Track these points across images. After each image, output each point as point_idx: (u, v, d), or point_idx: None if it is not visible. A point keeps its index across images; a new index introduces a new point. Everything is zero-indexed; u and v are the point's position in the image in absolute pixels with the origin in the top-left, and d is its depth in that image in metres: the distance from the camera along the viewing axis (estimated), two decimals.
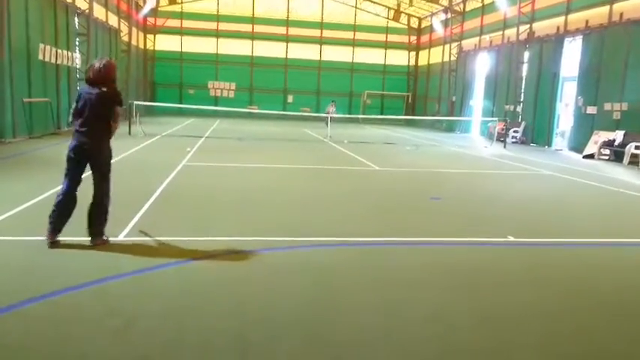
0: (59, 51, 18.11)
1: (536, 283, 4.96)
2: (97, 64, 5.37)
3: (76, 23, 20.94)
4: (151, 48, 36.48)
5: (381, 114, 37.04)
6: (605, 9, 18.67)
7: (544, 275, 5.21)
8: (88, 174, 5.62)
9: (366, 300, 4.30)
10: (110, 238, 5.55)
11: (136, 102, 21.71)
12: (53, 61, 17.65)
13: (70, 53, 19.32)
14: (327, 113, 27.17)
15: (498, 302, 4.40)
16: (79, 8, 20.81)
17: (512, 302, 4.41)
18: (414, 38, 39.31)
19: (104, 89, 5.30)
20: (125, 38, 28.85)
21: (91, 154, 5.41)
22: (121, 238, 5.72)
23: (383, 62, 39.28)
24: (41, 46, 16.57)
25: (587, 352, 3.59)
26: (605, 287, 4.94)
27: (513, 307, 4.31)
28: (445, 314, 4.07)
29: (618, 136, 17.00)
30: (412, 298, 4.39)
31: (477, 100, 28.99)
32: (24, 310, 3.79)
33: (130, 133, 18.15)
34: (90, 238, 5.38)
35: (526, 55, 23.82)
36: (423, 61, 38.29)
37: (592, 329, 3.96)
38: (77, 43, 21.05)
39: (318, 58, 38.39)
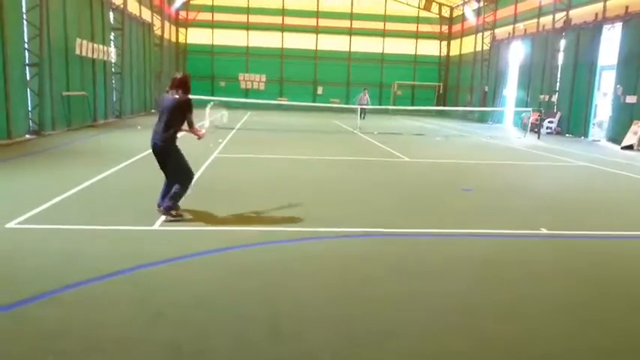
0: (95, 45, 18.59)
1: (569, 275, 4.88)
2: (177, 76, 6.24)
3: (111, 18, 21.42)
4: (183, 41, 37.00)
5: (412, 105, 36.64)
6: None
7: (577, 268, 5.12)
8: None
9: (396, 290, 4.32)
10: (145, 227, 5.74)
11: None
12: (90, 55, 18.13)
13: (105, 47, 19.81)
14: (360, 103, 26.25)
15: (529, 294, 4.36)
16: (114, 3, 21.26)
17: (543, 294, 4.36)
18: (445, 28, 38.65)
19: (177, 97, 6.11)
20: (158, 32, 29.35)
21: (160, 151, 6.22)
22: (156, 227, 5.88)
23: (414, 52, 38.79)
24: (78, 41, 17.04)
25: (616, 344, 3.52)
26: (638, 280, 4.83)
27: (544, 299, 4.26)
28: (475, 306, 4.06)
29: None
30: (442, 290, 4.39)
31: (511, 90, 28.35)
32: (61, 296, 3.95)
33: None
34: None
35: (562, 43, 23.13)
36: (454, 50, 37.64)
37: (622, 322, 3.88)
38: (112, 37, 21.55)
39: (348, 50, 38.20)
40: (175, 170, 6.23)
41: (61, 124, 15.92)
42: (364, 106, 26.22)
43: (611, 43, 20.09)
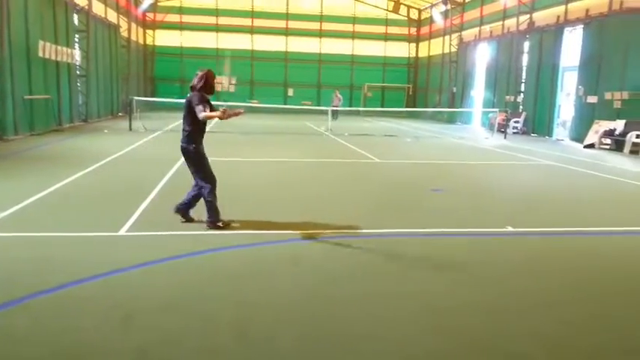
0: (59, 48, 18.14)
1: (534, 273, 5.01)
2: (198, 72, 6.16)
3: (76, 20, 20.94)
4: (151, 43, 36.44)
5: (382, 106, 36.97)
6: None
7: (541, 265, 5.26)
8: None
9: (369, 291, 4.35)
10: (110, 233, 5.64)
11: (136, 97, 21.74)
12: (53, 57, 17.67)
13: (69, 50, 19.34)
14: (333, 105, 27.52)
15: (495, 292, 4.45)
16: (78, 5, 20.80)
17: (509, 292, 4.47)
18: (413, 30, 39.16)
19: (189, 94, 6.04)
20: (125, 34, 28.83)
21: (183, 152, 6.18)
22: (123, 232, 5.78)
23: (383, 54, 39.16)
24: (41, 43, 16.59)
25: (593, 344, 3.64)
26: (603, 276, 4.99)
27: (510, 296, 4.37)
28: (447, 305, 4.13)
29: (619, 125, 16.97)
30: (414, 290, 4.44)
31: (478, 91, 28.93)
32: (28, 303, 3.86)
33: (130, 128, 18.21)
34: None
35: (526, 45, 23.74)
36: (423, 52, 38.17)
37: (589, 318, 4.00)
38: (77, 39, 21.07)
39: (318, 51, 38.30)
40: (197, 174, 6.07)
41: (24, 129, 15.46)
42: (337, 108, 27.11)
43: (572, 45, 20.73)
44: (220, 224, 5.97)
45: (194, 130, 6.09)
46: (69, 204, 7.15)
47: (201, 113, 5.88)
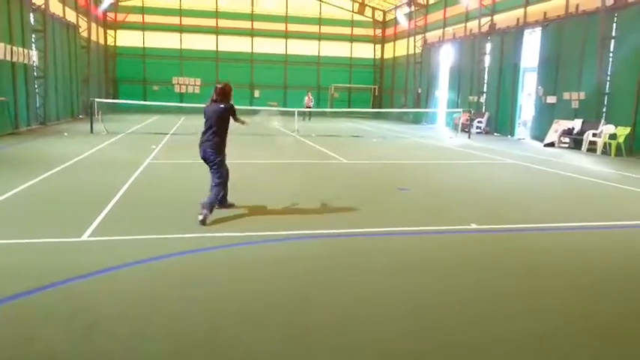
0: (14, 48, 17.49)
1: (498, 267, 5.12)
2: (218, 85, 6.89)
3: (32, 19, 20.24)
4: (112, 44, 35.58)
5: (349, 107, 37.19)
6: (562, 1, 19.19)
7: (505, 260, 5.37)
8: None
9: (336, 290, 4.35)
10: (72, 239, 5.47)
11: (97, 99, 21.18)
12: (8, 58, 17.03)
13: (26, 50, 18.67)
14: (307, 106, 28.47)
15: (458, 285, 4.52)
16: (34, 4, 20.10)
17: (470, 285, 4.54)
18: (379, 31, 39.54)
19: (222, 105, 6.74)
20: (84, 34, 28.04)
21: (208, 156, 6.70)
22: (85, 238, 5.60)
23: (349, 55, 39.39)
24: None
25: (543, 331, 3.72)
26: (562, 269, 5.13)
27: (471, 290, 4.44)
28: (416, 300, 4.16)
29: (577, 124, 17.56)
30: (381, 287, 4.46)
31: (442, 92, 29.43)
32: None
33: (91, 131, 17.72)
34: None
35: (488, 46, 24.29)
36: (388, 53, 38.59)
37: (547, 310, 4.10)
38: (33, 39, 20.36)
39: (284, 52, 38.22)
40: (219, 173, 6.73)
41: None
42: (309, 109, 27.96)
43: (532, 46, 21.33)
44: (209, 216, 6.39)
45: (224, 141, 6.82)
46: (27, 209, 6.88)
47: (237, 122, 7.02)
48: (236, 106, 7.03)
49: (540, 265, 5.23)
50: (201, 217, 6.21)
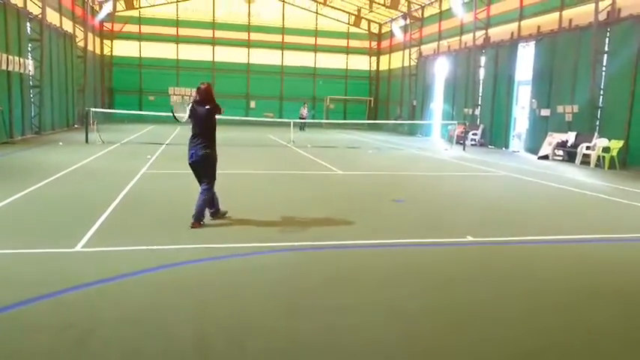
0: (10, 57, 17.48)
1: (496, 280, 5.12)
2: (201, 87, 6.76)
3: (28, 28, 20.26)
4: (109, 54, 35.65)
5: (344, 118, 37.33)
6: (556, 15, 19.44)
7: (502, 272, 5.38)
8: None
9: (331, 300, 4.33)
10: (66, 249, 5.44)
11: (93, 109, 21.16)
12: (4, 67, 17.01)
13: (22, 60, 18.67)
14: (301, 117, 29.20)
15: (455, 300, 4.51)
16: (31, 13, 20.14)
17: (468, 300, 4.53)
18: (374, 43, 39.83)
19: (208, 107, 6.70)
20: (81, 44, 28.09)
21: (200, 160, 6.72)
22: (79, 248, 5.56)
23: (345, 67, 39.64)
24: None
25: (540, 347, 3.72)
26: (556, 283, 5.14)
27: (469, 304, 4.43)
28: (411, 313, 4.15)
29: (570, 137, 17.68)
30: (377, 299, 4.45)
31: (437, 104, 29.60)
32: None
33: (87, 141, 17.69)
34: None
35: (482, 59, 24.50)
36: (384, 65, 38.84)
37: (544, 325, 4.10)
38: (30, 49, 20.37)
39: (280, 64, 38.39)
40: (211, 175, 6.83)
41: None
42: (304, 120, 28.72)
43: (526, 59, 21.54)
44: (202, 222, 6.65)
45: (214, 139, 6.87)
46: (21, 219, 6.84)
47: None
48: (232, 116, 7.13)
49: (533, 278, 5.23)
50: (191, 226, 6.51)
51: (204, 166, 6.77)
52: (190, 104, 6.87)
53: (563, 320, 4.16)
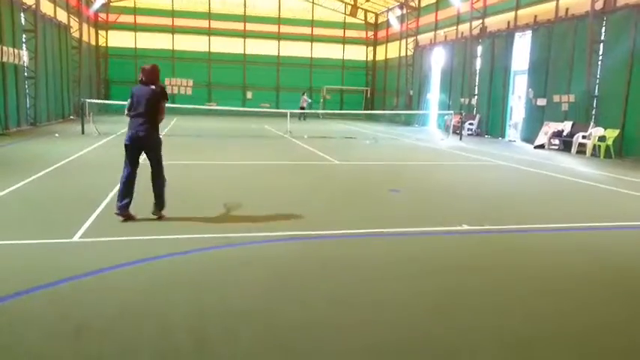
0: (4, 48, 17.36)
1: (490, 267, 5.16)
2: (146, 67, 6.44)
3: (22, 19, 20.10)
4: (104, 44, 35.43)
5: (341, 109, 37.26)
6: (552, 5, 19.39)
7: (496, 260, 5.42)
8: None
9: (326, 289, 4.37)
10: (64, 240, 5.44)
11: (88, 100, 21.07)
12: None
13: (16, 50, 18.54)
14: (301, 106, 29.60)
15: (449, 287, 4.56)
16: (25, 4, 19.98)
17: (460, 288, 4.58)
18: (371, 33, 39.66)
19: (154, 87, 6.35)
20: (76, 34, 27.89)
21: (145, 141, 6.35)
22: (76, 239, 5.58)
23: (341, 57, 39.49)
24: None
25: (533, 336, 3.77)
26: (550, 271, 5.19)
27: (461, 292, 4.48)
28: (406, 301, 4.19)
29: (566, 126, 17.72)
30: (373, 288, 4.49)
31: (434, 94, 29.57)
32: None
33: (83, 132, 17.63)
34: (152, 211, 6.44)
35: (479, 49, 24.45)
36: (380, 55, 38.71)
37: (537, 313, 4.15)
38: (24, 39, 20.23)
39: (277, 54, 38.23)
40: (159, 163, 6.51)
41: None
42: (303, 110, 28.96)
43: (522, 49, 21.51)
44: (162, 214, 6.50)
45: (158, 121, 6.47)
46: (18, 210, 6.85)
47: (164, 115, 6.61)
48: (228, 107, 7.07)
49: (526, 266, 5.28)
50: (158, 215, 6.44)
51: (147, 151, 6.41)
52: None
53: (559, 308, 4.20)
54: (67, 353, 3.23)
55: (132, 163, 6.41)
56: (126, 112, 6.52)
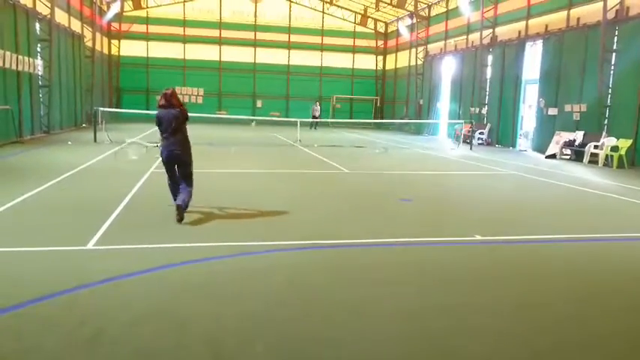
0: (20, 57, 17.63)
1: (505, 278, 5.13)
2: (167, 92, 7.12)
3: (37, 29, 20.42)
4: (116, 53, 35.85)
5: (351, 118, 37.31)
6: (563, 14, 19.36)
7: (511, 270, 5.38)
8: None
9: (340, 299, 4.36)
10: (78, 247, 5.49)
11: (101, 108, 21.30)
12: (14, 67, 17.16)
13: (31, 60, 18.82)
14: (313, 115, 29.78)
15: (463, 300, 4.53)
16: (40, 13, 20.29)
17: (483, 298, 4.55)
18: (381, 42, 39.78)
19: (177, 109, 6.99)
20: (89, 44, 28.25)
21: (181, 158, 7.03)
22: (90, 246, 5.62)
23: (351, 66, 39.62)
24: (0, 52, 16.10)
25: (549, 347, 3.73)
26: (562, 282, 5.14)
27: (477, 303, 4.45)
28: (420, 311, 4.17)
29: (578, 136, 17.60)
30: (384, 297, 4.47)
31: (444, 103, 29.53)
32: None
33: (95, 140, 17.80)
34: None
35: (489, 58, 24.42)
36: (390, 64, 38.79)
37: (549, 323, 4.11)
38: (39, 49, 20.53)
39: (287, 63, 38.44)
40: (187, 177, 7.10)
41: None
42: (316, 119, 30.14)
43: (533, 58, 21.45)
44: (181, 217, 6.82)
45: (188, 138, 7.15)
46: (33, 218, 6.92)
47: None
48: (238, 116, 7.30)
49: (540, 276, 5.23)
50: (178, 218, 6.68)
51: (183, 165, 7.04)
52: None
53: (573, 319, 4.16)
54: (85, 359, 3.25)
55: (171, 175, 7.17)
56: (159, 135, 7.17)
